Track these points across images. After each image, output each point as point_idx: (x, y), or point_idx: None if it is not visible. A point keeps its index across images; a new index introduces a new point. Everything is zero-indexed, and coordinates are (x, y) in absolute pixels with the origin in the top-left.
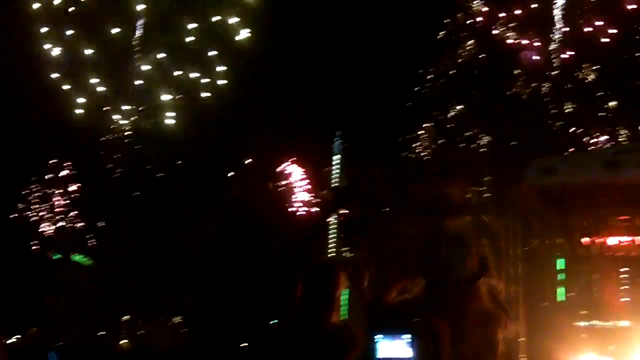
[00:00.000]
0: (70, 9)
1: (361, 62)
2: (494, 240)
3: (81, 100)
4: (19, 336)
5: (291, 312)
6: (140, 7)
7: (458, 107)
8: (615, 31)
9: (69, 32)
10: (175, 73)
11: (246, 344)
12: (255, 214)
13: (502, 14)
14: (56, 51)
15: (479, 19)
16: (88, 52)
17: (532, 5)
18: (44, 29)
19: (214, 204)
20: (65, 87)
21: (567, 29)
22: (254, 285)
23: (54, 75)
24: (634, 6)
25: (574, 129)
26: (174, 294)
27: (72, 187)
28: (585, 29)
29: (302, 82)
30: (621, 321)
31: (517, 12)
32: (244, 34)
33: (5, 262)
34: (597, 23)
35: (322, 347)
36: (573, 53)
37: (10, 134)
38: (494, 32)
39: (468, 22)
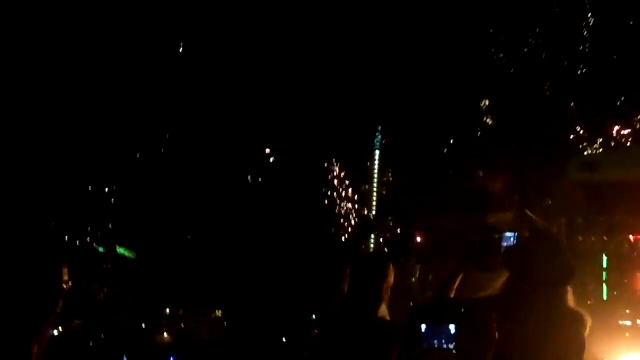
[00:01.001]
0: None
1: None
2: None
3: None
4: (61, 328)
5: (339, 302)
6: None
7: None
8: None
9: None
10: None
11: (288, 336)
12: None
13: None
14: None
15: None
16: None
17: None
18: None
19: (260, 195)
20: None
21: None
22: (298, 278)
23: None
24: None
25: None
26: (215, 286)
27: None
28: None
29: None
30: None
31: None
32: None
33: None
34: None
35: (367, 339)
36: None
37: None
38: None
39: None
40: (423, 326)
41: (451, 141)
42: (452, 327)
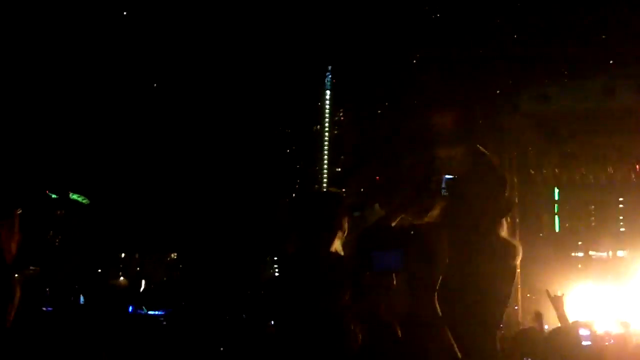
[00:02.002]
0: None
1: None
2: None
3: None
4: (17, 275)
5: (293, 238)
6: None
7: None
8: None
9: None
10: None
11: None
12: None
13: None
14: None
15: None
16: None
17: None
18: None
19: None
20: None
21: None
22: (252, 221)
23: None
24: None
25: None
26: (170, 230)
27: None
28: None
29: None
30: (618, 251)
31: None
32: None
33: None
34: None
35: (321, 274)
36: None
37: None
38: None
39: None
40: (373, 251)
41: (400, 77)
42: (400, 252)
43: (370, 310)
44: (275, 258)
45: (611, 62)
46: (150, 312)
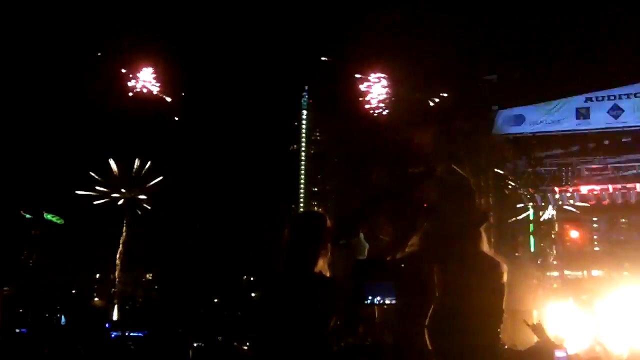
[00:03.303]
0: None
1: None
2: (467, 189)
3: None
4: None
5: (280, 258)
6: None
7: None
8: None
9: None
10: None
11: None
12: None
13: None
14: None
15: None
16: None
17: None
18: None
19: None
20: None
21: None
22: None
23: None
24: None
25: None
26: (147, 250)
27: None
28: None
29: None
30: (593, 270)
31: None
32: None
33: None
34: None
35: (309, 293)
36: None
37: None
38: None
39: None
40: (367, 282)
41: (378, 95)
42: (391, 284)
43: (361, 338)
44: (254, 278)
45: (585, 84)
46: (128, 333)
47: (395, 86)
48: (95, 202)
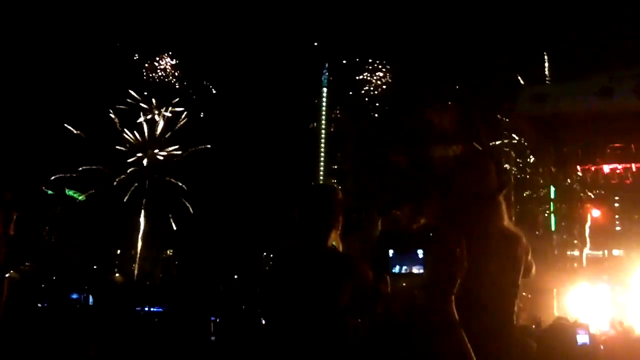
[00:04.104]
0: None
1: None
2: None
3: None
4: (13, 271)
5: (291, 232)
6: None
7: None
8: None
9: None
10: None
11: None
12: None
13: None
14: None
15: None
16: None
17: None
18: None
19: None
20: None
21: None
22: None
23: None
24: None
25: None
26: (167, 227)
27: None
28: None
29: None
30: (614, 250)
31: None
32: None
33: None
34: None
35: (319, 269)
36: None
37: None
38: None
39: None
40: (391, 252)
41: (398, 77)
42: (419, 253)
43: (388, 311)
44: (271, 254)
45: (608, 63)
46: (148, 309)
47: (413, 68)
48: (129, 160)
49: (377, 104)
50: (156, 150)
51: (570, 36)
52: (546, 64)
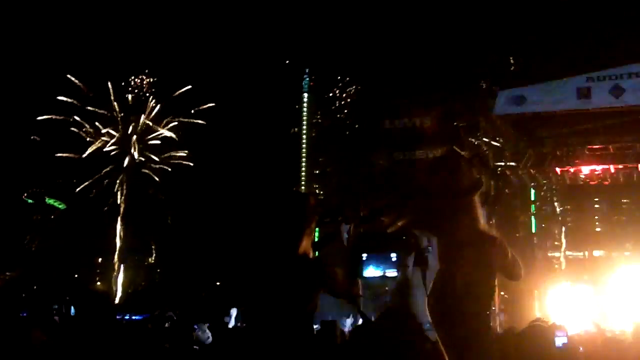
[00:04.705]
0: None
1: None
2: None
3: None
4: None
5: (267, 241)
6: None
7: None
8: None
9: None
10: None
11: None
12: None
13: None
14: None
15: None
16: None
17: None
18: None
19: None
20: None
21: None
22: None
23: None
24: None
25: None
26: (147, 234)
27: None
28: None
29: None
30: (595, 251)
31: None
32: None
33: None
34: None
35: (289, 276)
36: None
37: None
38: None
39: None
40: (364, 255)
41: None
42: (393, 255)
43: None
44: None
45: (586, 64)
46: (129, 317)
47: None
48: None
49: (358, 108)
50: (136, 155)
51: (547, 37)
52: (522, 66)
